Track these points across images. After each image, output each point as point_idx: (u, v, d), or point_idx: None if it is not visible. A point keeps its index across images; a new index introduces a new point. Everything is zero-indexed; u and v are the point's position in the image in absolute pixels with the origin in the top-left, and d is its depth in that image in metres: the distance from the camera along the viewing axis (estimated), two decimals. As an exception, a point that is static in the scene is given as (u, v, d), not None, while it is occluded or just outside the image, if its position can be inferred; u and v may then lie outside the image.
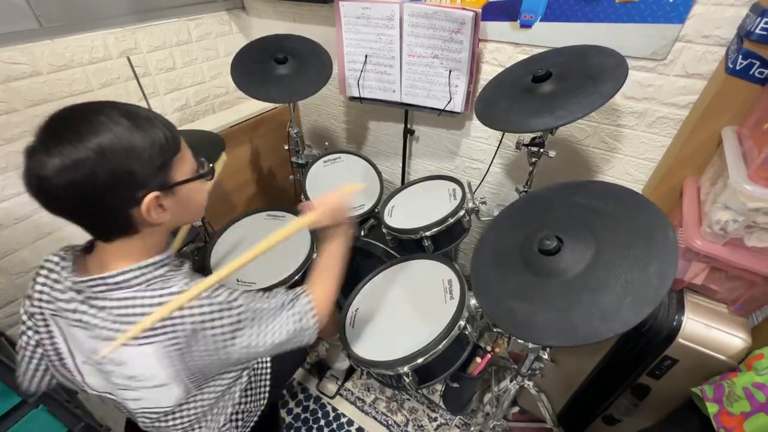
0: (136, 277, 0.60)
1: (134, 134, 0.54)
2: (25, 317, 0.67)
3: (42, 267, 0.64)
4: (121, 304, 0.59)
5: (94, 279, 0.59)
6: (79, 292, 0.61)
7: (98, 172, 0.51)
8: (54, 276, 0.63)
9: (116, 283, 0.59)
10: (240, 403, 0.87)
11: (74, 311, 0.61)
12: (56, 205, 0.54)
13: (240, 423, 0.87)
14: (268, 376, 0.97)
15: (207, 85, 1.73)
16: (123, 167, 0.53)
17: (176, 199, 0.61)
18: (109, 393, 0.70)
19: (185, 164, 0.63)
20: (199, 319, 0.61)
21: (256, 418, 0.93)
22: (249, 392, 0.90)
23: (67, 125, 0.52)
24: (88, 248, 0.66)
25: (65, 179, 0.50)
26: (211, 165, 0.70)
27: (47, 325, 0.66)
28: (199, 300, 0.61)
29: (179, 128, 1.53)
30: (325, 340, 1.50)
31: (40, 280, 0.64)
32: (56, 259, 0.64)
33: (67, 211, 0.55)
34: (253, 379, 0.93)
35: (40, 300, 0.64)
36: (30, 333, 0.67)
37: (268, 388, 0.96)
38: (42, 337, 0.67)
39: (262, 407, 0.95)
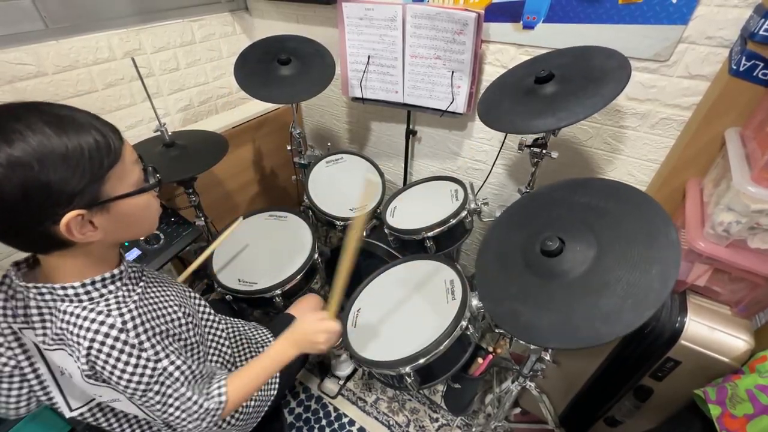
0: (86, 293, 0.57)
1: (54, 143, 0.47)
2: None
3: (2, 282, 0.61)
4: (64, 318, 0.56)
5: (46, 287, 0.56)
6: (31, 298, 0.58)
7: (5, 186, 0.45)
8: (12, 290, 0.60)
9: (66, 295, 0.56)
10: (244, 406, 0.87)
11: (35, 315, 0.59)
12: None
13: (242, 420, 0.88)
14: (275, 386, 0.97)
15: (210, 86, 1.73)
16: (36, 181, 0.46)
17: (112, 215, 0.54)
18: (93, 399, 0.69)
19: (127, 177, 0.55)
20: (95, 354, 0.56)
21: (259, 419, 0.93)
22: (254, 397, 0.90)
23: None
24: (34, 261, 0.62)
25: None
26: (158, 176, 0.61)
27: (18, 339, 0.62)
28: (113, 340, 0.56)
29: (182, 129, 1.55)
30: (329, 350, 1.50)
31: (1, 295, 0.60)
32: (12, 274, 0.60)
33: None
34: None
35: (5, 317, 0.61)
36: (2, 350, 0.62)
37: (274, 392, 0.96)
38: (16, 353, 0.63)
39: (267, 407, 0.95)
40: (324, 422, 1.44)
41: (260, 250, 1.32)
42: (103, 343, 0.55)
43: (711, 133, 0.95)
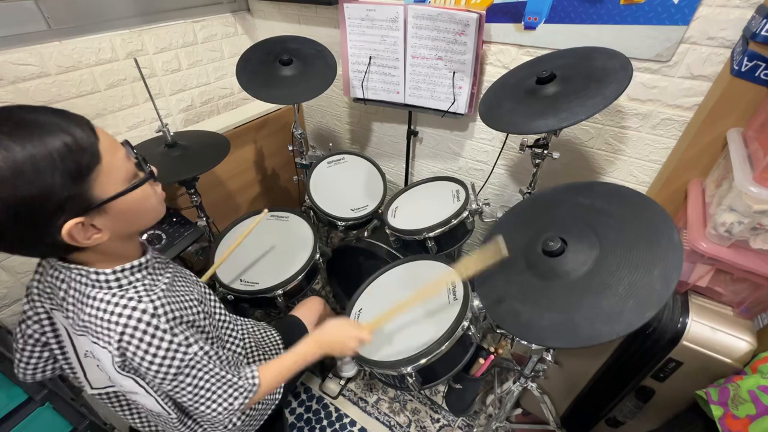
0: (116, 279, 0.58)
1: (20, 156, 0.44)
2: (26, 307, 0.67)
3: (39, 264, 0.65)
4: (94, 305, 0.57)
5: (80, 268, 0.57)
6: (63, 281, 0.60)
7: None
8: (48, 272, 0.63)
9: (97, 280, 0.57)
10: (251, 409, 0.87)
11: (62, 300, 0.61)
12: None
13: (249, 418, 0.88)
14: (280, 389, 0.96)
15: (212, 87, 1.74)
16: (16, 197, 0.44)
17: (111, 215, 0.52)
18: (112, 385, 0.71)
19: (113, 173, 0.51)
20: (127, 339, 0.56)
21: (262, 422, 0.93)
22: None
23: None
24: None
25: None
26: (150, 167, 0.59)
27: (50, 318, 0.66)
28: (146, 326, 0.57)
29: (184, 129, 1.56)
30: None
31: (37, 276, 0.64)
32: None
33: None
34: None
35: (39, 296, 0.65)
36: (29, 323, 0.67)
37: (278, 396, 0.97)
38: (46, 331, 0.67)
39: (271, 409, 0.95)
40: (325, 422, 1.44)
41: (262, 250, 1.32)
42: (135, 328, 0.56)
43: (713, 134, 0.95)
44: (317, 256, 1.28)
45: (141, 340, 0.57)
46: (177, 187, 1.49)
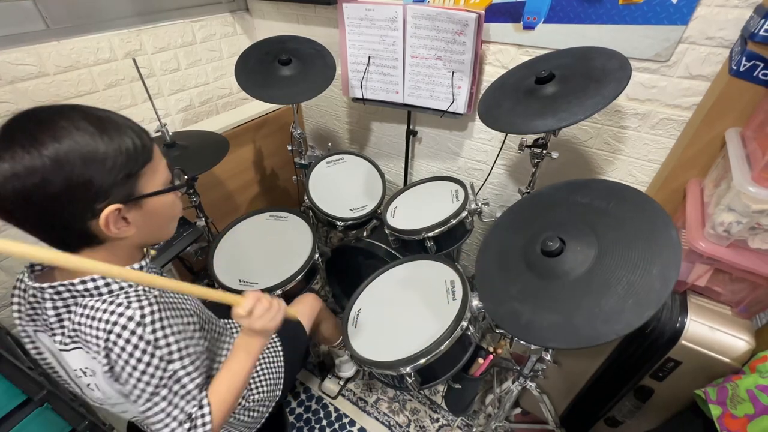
0: (106, 284, 0.57)
1: (97, 141, 0.50)
2: (20, 329, 0.65)
3: (15, 287, 0.62)
4: (84, 312, 0.56)
5: (64, 284, 0.56)
6: (44, 300, 0.59)
7: (51, 181, 0.47)
8: (26, 293, 0.61)
9: (86, 290, 0.57)
10: (248, 409, 0.87)
11: (55, 317, 0.59)
12: (5, 212, 0.49)
13: (244, 424, 0.88)
14: (280, 385, 0.96)
15: (211, 86, 1.74)
16: (80, 177, 0.49)
17: (143, 212, 0.57)
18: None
19: (157, 175, 0.58)
20: (112, 342, 0.56)
21: (263, 420, 0.93)
22: (258, 395, 0.90)
23: (25, 128, 0.48)
24: None
25: (14, 186, 0.46)
26: (185, 176, 0.65)
27: (33, 342, 0.65)
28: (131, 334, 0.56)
29: (183, 129, 1.56)
30: (329, 348, 1.49)
31: (15, 299, 0.62)
32: (25, 277, 0.61)
33: (18, 219, 0.50)
34: (262, 388, 0.91)
35: (20, 320, 0.63)
36: (27, 342, 0.66)
37: (279, 392, 0.96)
38: (32, 353, 0.66)
39: (271, 408, 0.95)
40: (324, 422, 1.44)
41: (261, 250, 1.32)
42: (119, 335, 0.55)
43: (711, 134, 0.95)
44: (316, 256, 1.28)
45: (124, 348, 0.56)
46: (176, 187, 1.49)
